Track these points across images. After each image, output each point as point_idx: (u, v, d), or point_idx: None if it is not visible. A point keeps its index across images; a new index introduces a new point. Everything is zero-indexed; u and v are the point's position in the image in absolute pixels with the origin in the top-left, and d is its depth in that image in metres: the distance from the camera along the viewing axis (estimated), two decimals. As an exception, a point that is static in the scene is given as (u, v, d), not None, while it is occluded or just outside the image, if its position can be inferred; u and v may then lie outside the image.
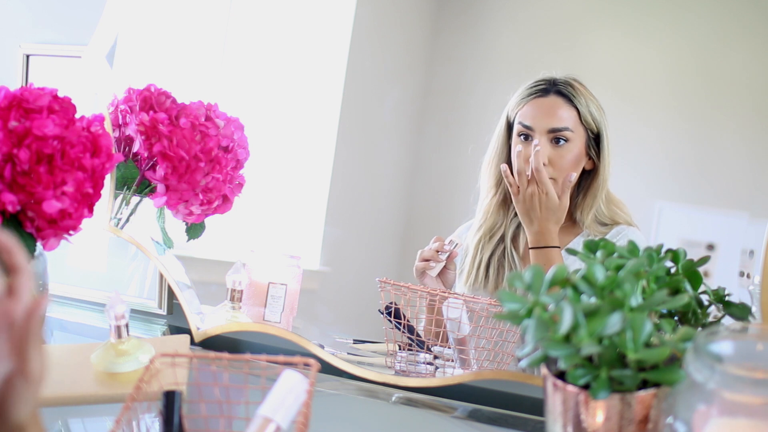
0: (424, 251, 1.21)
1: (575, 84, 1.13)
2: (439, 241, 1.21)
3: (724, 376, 0.62)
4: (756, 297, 0.96)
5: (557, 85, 1.13)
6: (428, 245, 1.21)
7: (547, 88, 1.14)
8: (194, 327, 1.28)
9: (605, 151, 1.13)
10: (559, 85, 1.13)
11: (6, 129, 0.98)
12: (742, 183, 1.09)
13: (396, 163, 1.30)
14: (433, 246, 1.20)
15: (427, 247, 1.21)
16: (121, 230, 1.30)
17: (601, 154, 1.13)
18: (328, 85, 1.33)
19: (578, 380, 0.70)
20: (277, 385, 0.80)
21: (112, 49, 1.34)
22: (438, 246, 1.20)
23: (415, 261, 1.22)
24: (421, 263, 1.21)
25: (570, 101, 1.13)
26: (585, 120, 1.12)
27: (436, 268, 1.19)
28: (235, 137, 1.23)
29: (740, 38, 1.10)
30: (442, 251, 1.19)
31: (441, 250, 1.20)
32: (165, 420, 0.85)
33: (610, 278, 0.72)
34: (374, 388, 1.15)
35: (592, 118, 1.12)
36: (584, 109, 1.12)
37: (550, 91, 1.14)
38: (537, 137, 1.13)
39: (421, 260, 1.21)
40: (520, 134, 1.15)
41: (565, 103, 1.13)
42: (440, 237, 1.21)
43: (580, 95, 1.13)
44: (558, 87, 1.13)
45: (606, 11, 1.19)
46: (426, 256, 1.21)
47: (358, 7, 1.31)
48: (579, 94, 1.13)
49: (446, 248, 1.19)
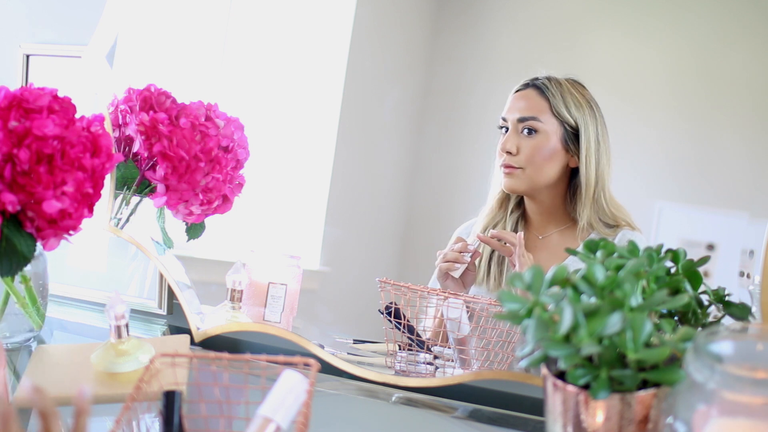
0: (447, 253, 1.19)
1: (556, 79, 1.14)
2: (461, 242, 1.20)
3: (724, 376, 0.62)
4: (756, 297, 0.96)
5: (537, 80, 1.15)
6: (449, 246, 1.20)
7: (528, 83, 1.16)
8: (194, 327, 1.28)
9: (584, 146, 1.12)
10: (537, 80, 1.15)
11: (6, 129, 0.98)
12: (742, 183, 1.09)
13: (396, 163, 1.30)
14: (456, 247, 1.19)
15: (448, 248, 1.20)
16: (121, 230, 1.30)
17: (580, 150, 1.13)
18: (328, 85, 1.33)
19: (578, 380, 0.70)
20: (277, 385, 0.80)
21: (112, 49, 1.34)
22: (461, 246, 1.19)
23: (414, 261, 1.22)
24: (444, 264, 1.19)
25: (542, 93, 1.14)
26: (556, 111, 1.13)
27: (460, 269, 1.19)
28: (235, 137, 1.23)
29: (740, 38, 1.10)
30: (466, 251, 1.19)
31: (465, 251, 1.19)
32: (165, 420, 0.85)
33: (610, 278, 0.72)
34: (374, 388, 1.15)
35: (567, 111, 1.13)
36: (555, 100, 1.13)
37: (529, 86, 1.16)
38: (510, 128, 1.16)
39: (444, 261, 1.19)
40: (501, 127, 1.17)
41: (537, 95, 1.14)
42: (461, 237, 1.21)
43: (556, 88, 1.13)
44: (536, 81, 1.15)
45: (606, 11, 1.19)
46: (450, 257, 1.19)
47: (358, 7, 1.31)
48: (554, 87, 1.13)
49: (470, 248, 1.18)
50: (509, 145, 1.15)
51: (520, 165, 1.15)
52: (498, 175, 1.19)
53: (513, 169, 1.16)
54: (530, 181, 1.15)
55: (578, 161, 1.13)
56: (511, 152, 1.15)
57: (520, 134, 1.15)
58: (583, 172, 1.13)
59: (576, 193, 1.14)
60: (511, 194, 1.18)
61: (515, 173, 1.16)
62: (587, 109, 1.13)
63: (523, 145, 1.15)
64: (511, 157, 1.15)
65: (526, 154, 1.15)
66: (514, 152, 1.15)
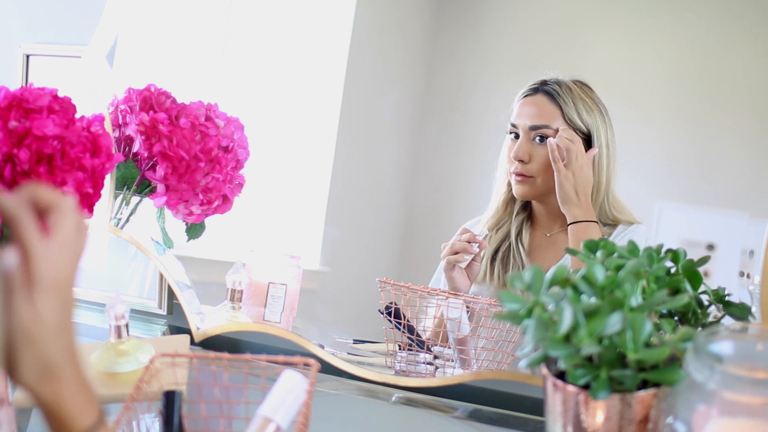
0: (454, 244, 1.18)
1: (566, 83, 1.13)
2: (467, 233, 1.19)
3: (724, 376, 0.62)
4: (756, 297, 0.96)
5: (546, 85, 1.14)
6: (455, 237, 1.19)
7: (537, 88, 1.15)
8: (194, 327, 1.28)
9: (596, 152, 1.12)
10: (547, 85, 1.14)
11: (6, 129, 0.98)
12: (742, 183, 1.09)
13: (396, 163, 1.30)
14: (464, 237, 1.18)
15: (455, 239, 1.19)
16: (121, 230, 1.30)
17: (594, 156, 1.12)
18: (328, 85, 1.33)
19: (578, 380, 0.70)
20: (277, 385, 0.80)
21: (112, 49, 1.34)
22: (469, 237, 1.18)
23: (414, 261, 1.22)
24: (452, 256, 1.18)
25: (554, 99, 1.13)
26: (569, 119, 1.12)
27: (467, 259, 1.18)
28: (235, 137, 1.23)
29: (740, 38, 1.10)
30: (474, 241, 1.18)
31: (473, 241, 1.18)
32: (165, 420, 0.85)
33: (610, 278, 0.72)
34: (374, 388, 1.15)
35: (579, 118, 1.12)
36: (567, 107, 1.12)
37: (539, 91, 1.15)
38: (521, 135, 1.14)
39: (452, 253, 1.18)
40: (510, 132, 1.16)
41: (549, 102, 1.13)
42: (467, 229, 1.20)
43: (567, 94, 1.13)
44: (546, 86, 1.14)
45: (606, 11, 1.19)
46: (457, 248, 1.18)
47: (358, 7, 1.31)
48: (565, 93, 1.13)
49: (478, 239, 1.18)
50: (522, 154, 1.14)
51: (532, 174, 1.14)
52: (501, 177, 1.18)
53: (525, 178, 1.15)
54: (542, 188, 1.15)
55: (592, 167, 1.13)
56: (523, 160, 1.14)
57: (532, 141, 1.14)
58: (595, 175, 1.12)
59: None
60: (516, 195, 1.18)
61: (527, 181, 1.15)
62: (597, 114, 1.12)
63: (536, 154, 1.14)
64: (524, 165, 1.14)
65: (539, 164, 1.14)
66: (526, 160, 1.14)
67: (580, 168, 1.11)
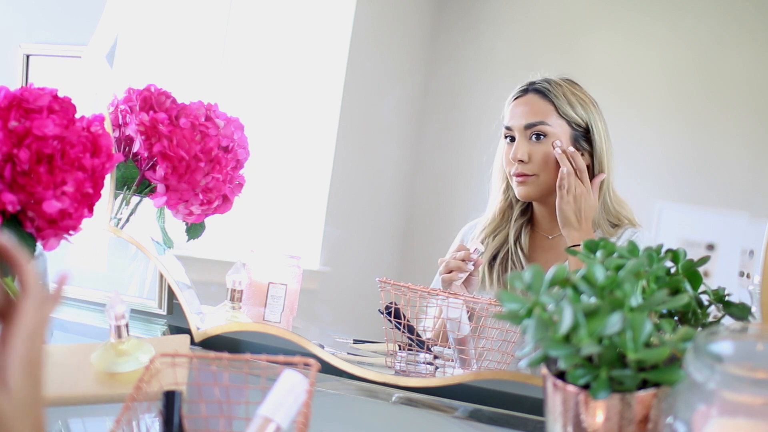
0: (449, 262, 1.18)
1: (554, 80, 1.13)
2: (463, 250, 1.18)
3: (724, 376, 0.62)
4: (756, 297, 0.96)
5: (535, 84, 1.14)
6: (450, 254, 1.19)
7: (526, 89, 1.15)
8: (194, 327, 1.28)
9: (598, 144, 1.12)
10: (536, 84, 1.14)
11: (6, 129, 0.98)
12: (742, 183, 1.09)
13: (396, 163, 1.30)
14: (458, 255, 1.18)
15: (449, 256, 1.18)
16: (121, 230, 1.30)
17: (594, 147, 1.12)
18: (328, 85, 1.33)
19: (578, 380, 0.70)
20: (277, 385, 0.80)
21: (112, 49, 1.34)
22: (464, 255, 1.17)
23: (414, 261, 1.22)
24: (447, 275, 1.18)
25: (545, 96, 1.13)
26: (563, 112, 1.12)
27: (462, 277, 1.18)
28: (235, 137, 1.23)
29: (740, 38, 1.10)
30: (468, 260, 1.17)
31: (467, 259, 1.17)
32: (165, 420, 0.85)
33: (610, 278, 0.72)
34: (374, 388, 1.15)
35: (573, 111, 1.12)
36: (560, 102, 1.12)
37: (528, 91, 1.15)
38: (517, 136, 1.14)
39: (447, 271, 1.18)
40: (506, 136, 1.16)
41: (540, 99, 1.13)
42: (463, 245, 1.19)
43: (557, 89, 1.12)
44: (535, 85, 1.14)
45: (606, 12, 1.19)
46: (452, 266, 1.17)
47: (358, 7, 1.31)
48: (555, 89, 1.13)
49: (473, 257, 1.17)
50: (520, 154, 1.14)
51: (533, 172, 1.14)
52: (497, 185, 1.18)
53: (526, 177, 1.14)
54: (545, 186, 1.14)
55: (591, 159, 1.13)
56: (523, 160, 1.13)
57: (529, 141, 1.13)
58: (598, 170, 1.12)
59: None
60: (514, 202, 1.18)
61: (529, 180, 1.15)
62: (592, 107, 1.12)
63: (534, 152, 1.13)
64: (524, 165, 1.14)
65: (539, 161, 1.13)
66: (526, 160, 1.13)
67: (585, 194, 1.11)
